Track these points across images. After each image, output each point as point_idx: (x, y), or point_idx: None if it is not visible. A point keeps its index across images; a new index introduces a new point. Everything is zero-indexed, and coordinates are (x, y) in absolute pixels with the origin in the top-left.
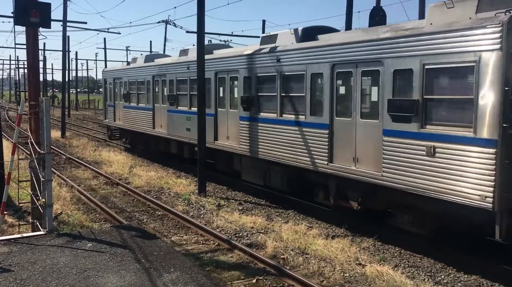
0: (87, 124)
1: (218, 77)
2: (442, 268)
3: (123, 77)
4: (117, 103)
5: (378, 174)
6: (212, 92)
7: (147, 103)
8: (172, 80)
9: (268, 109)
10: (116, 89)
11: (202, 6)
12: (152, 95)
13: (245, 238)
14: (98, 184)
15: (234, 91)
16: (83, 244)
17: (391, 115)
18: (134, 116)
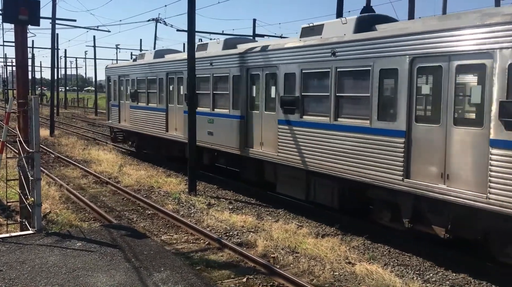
0: (76, 123)
1: (250, 74)
2: (431, 267)
3: (130, 75)
4: (122, 103)
5: (482, 196)
6: (242, 92)
7: (159, 104)
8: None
9: (318, 112)
10: (122, 87)
11: (193, 5)
12: (165, 94)
13: (235, 237)
14: (87, 183)
15: (270, 91)
16: (72, 243)
17: (503, 122)
18: (142, 118)
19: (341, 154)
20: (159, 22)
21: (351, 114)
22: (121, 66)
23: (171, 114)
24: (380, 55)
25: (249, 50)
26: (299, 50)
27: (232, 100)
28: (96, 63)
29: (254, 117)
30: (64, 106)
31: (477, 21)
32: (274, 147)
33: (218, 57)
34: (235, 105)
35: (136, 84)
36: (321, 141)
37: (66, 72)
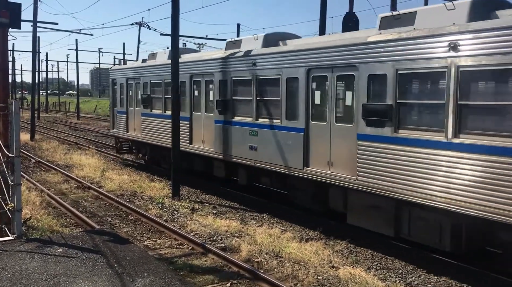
0: (57, 127)
1: (312, 76)
2: (413, 270)
3: (142, 78)
4: (131, 110)
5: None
6: (300, 98)
7: (181, 111)
8: (225, 81)
9: (422, 125)
10: (131, 92)
11: (177, 9)
12: (189, 100)
13: (219, 242)
14: (69, 188)
15: (344, 97)
16: (53, 249)
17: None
18: (158, 127)
19: (461, 181)
20: (143, 26)
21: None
22: (129, 68)
23: (197, 124)
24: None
25: (310, 47)
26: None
27: (285, 109)
28: (78, 66)
29: (318, 130)
30: (45, 110)
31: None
32: (349, 168)
33: (264, 55)
34: (290, 114)
35: (150, 89)
36: (429, 163)
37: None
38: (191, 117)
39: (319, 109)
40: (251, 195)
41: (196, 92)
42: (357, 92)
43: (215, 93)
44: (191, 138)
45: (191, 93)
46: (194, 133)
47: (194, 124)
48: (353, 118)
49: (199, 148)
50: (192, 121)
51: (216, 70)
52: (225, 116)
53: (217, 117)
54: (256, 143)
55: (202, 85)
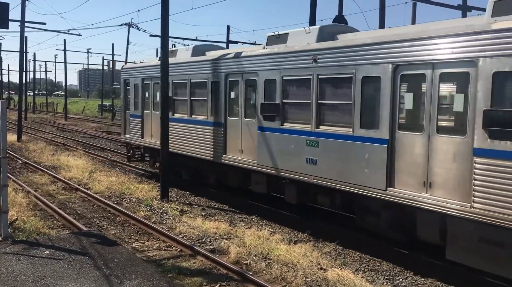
0: (44, 127)
1: (399, 75)
2: (400, 272)
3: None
4: (147, 114)
5: None
6: (383, 102)
7: (212, 116)
8: (272, 81)
9: None
10: (147, 93)
11: (167, 10)
12: (223, 103)
13: (208, 244)
14: (56, 189)
15: (454, 101)
16: (40, 251)
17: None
18: (181, 134)
19: None
20: (132, 27)
21: None
22: (146, 67)
23: (233, 131)
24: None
25: (398, 39)
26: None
27: (359, 115)
28: (66, 67)
29: (409, 142)
30: (33, 110)
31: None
32: (459, 192)
33: (331, 50)
34: (367, 122)
35: (172, 90)
36: None
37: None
38: (226, 123)
39: (410, 115)
40: (240, 197)
41: (232, 94)
42: (474, 94)
43: (258, 95)
44: (225, 147)
45: (225, 96)
46: (229, 141)
47: (229, 131)
48: (468, 129)
49: (236, 158)
50: (227, 128)
51: (261, 68)
52: (273, 123)
53: (262, 124)
54: (317, 156)
55: (240, 86)
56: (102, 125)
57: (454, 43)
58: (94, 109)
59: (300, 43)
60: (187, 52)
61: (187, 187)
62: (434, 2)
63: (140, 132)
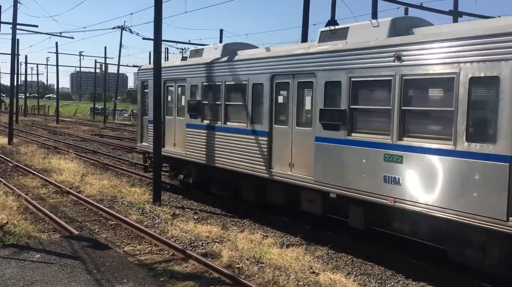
0: (36, 130)
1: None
2: (392, 275)
3: (188, 79)
4: (170, 120)
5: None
6: (505, 107)
7: (253, 123)
8: (336, 83)
9: None
10: (170, 97)
11: (160, 13)
12: (269, 109)
13: (200, 248)
14: (47, 192)
15: None
16: (30, 255)
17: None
18: (214, 143)
19: None
20: (125, 30)
21: None
22: (168, 67)
23: (281, 142)
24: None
25: None
26: None
27: (464, 124)
28: (58, 70)
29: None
30: (24, 113)
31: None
32: None
33: (420, 45)
34: (477, 133)
35: (201, 93)
36: None
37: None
38: (271, 132)
39: None
40: (233, 201)
41: (279, 98)
42: None
43: (316, 100)
44: (270, 160)
45: (271, 100)
46: (275, 153)
47: (275, 141)
48: None
49: (284, 173)
50: (273, 138)
51: (321, 68)
52: (336, 133)
53: (321, 134)
54: (399, 174)
55: (291, 88)
56: (94, 128)
57: None
58: (86, 112)
59: (364, 38)
60: (216, 51)
61: (180, 191)
62: (425, 7)
63: (163, 140)
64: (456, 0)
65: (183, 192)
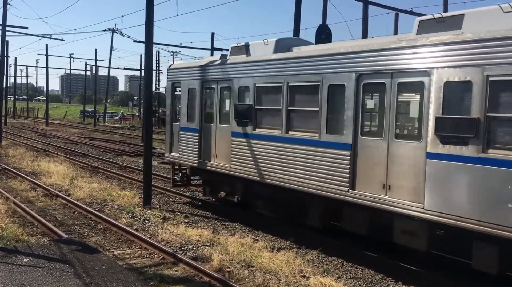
0: (25, 133)
1: None
2: (382, 279)
3: (235, 79)
4: (209, 127)
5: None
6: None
7: (328, 134)
8: (464, 83)
9: None
10: (209, 100)
11: (151, 16)
12: (353, 117)
13: (190, 251)
14: (36, 195)
15: None
16: (18, 259)
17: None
18: (269, 156)
19: None
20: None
21: None
22: (209, 66)
23: (372, 157)
24: None
25: None
26: None
27: None
28: (48, 72)
29: None
30: (13, 116)
31: None
32: None
33: None
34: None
35: (254, 97)
36: None
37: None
38: (355, 144)
39: None
40: (224, 205)
41: (369, 103)
42: None
43: (431, 105)
44: (354, 179)
45: (356, 105)
46: (361, 171)
47: (361, 155)
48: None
49: (375, 197)
50: (357, 151)
51: (439, 65)
52: (462, 149)
53: (438, 149)
54: None
55: (389, 92)
56: (84, 131)
57: None
58: (76, 115)
59: (478, 28)
60: (267, 48)
61: (170, 194)
62: (415, 13)
63: (196, 150)
64: (446, 6)
65: (174, 195)
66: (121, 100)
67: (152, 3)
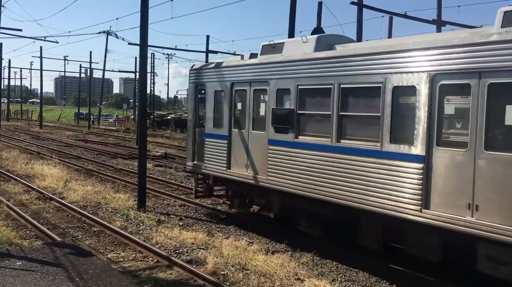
0: (19, 135)
1: None
2: (376, 282)
3: (274, 80)
4: (239, 134)
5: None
6: None
7: (392, 143)
8: None
9: None
10: (240, 104)
11: (146, 19)
12: (426, 124)
13: (185, 254)
14: (29, 198)
15: None
16: (11, 262)
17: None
18: (319, 168)
19: None
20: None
21: None
22: (239, 66)
23: (453, 170)
24: None
25: None
26: None
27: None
28: (42, 74)
29: None
30: (7, 118)
31: None
32: None
33: None
34: None
35: (296, 100)
36: None
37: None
38: (429, 156)
39: None
40: (218, 208)
41: (447, 107)
42: None
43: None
44: (427, 195)
45: (431, 110)
46: (435, 187)
47: (437, 170)
48: None
49: (459, 218)
50: (433, 165)
51: None
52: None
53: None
54: None
55: (476, 94)
56: (79, 133)
57: None
58: (70, 118)
59: None
60: (307, 45)
61: (165, 196)
62: (409, 16)
63: (225, 159)
64: (440, 10)
65: (169, 198)
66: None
67: (147, 6)
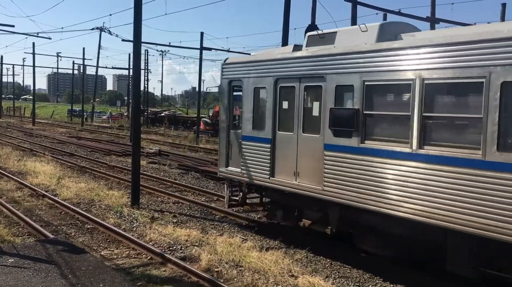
0: (11, 132)
1: None
2: (370, 278)
3: (330, 75)
4: (287, 137)
5: None
6: None
7: (498, 151)
8: None
9: None
10: (286, 103)
11: (139, 15)
12: None
13: (179, 251)
14: (22, 195)
15: None
16: (3, 259)
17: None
18: (394, 180)
19: None
20: (104, 31)
21: None
22: (283, 60)
23: None
24: None
25: None
26: None
27: None
28: (35, 71)
29: None
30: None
31: None
32: None
33: None
34: None
35: (361, 98)
36: None
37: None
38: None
39: None
40: (212, 205)
41: None
42: None
43: None
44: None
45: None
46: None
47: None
48: None
49: None
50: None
51: None
52: None
53: None
54: None
55: None
56: (72, 130)
57: None
58: (63, 114)
59: None
60: (366, 35)
61: (159, 193)
62: (403, 13)
63: (267, 166)
64: (434, 7)
65: (163, 195)
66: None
67: (140, 2)
